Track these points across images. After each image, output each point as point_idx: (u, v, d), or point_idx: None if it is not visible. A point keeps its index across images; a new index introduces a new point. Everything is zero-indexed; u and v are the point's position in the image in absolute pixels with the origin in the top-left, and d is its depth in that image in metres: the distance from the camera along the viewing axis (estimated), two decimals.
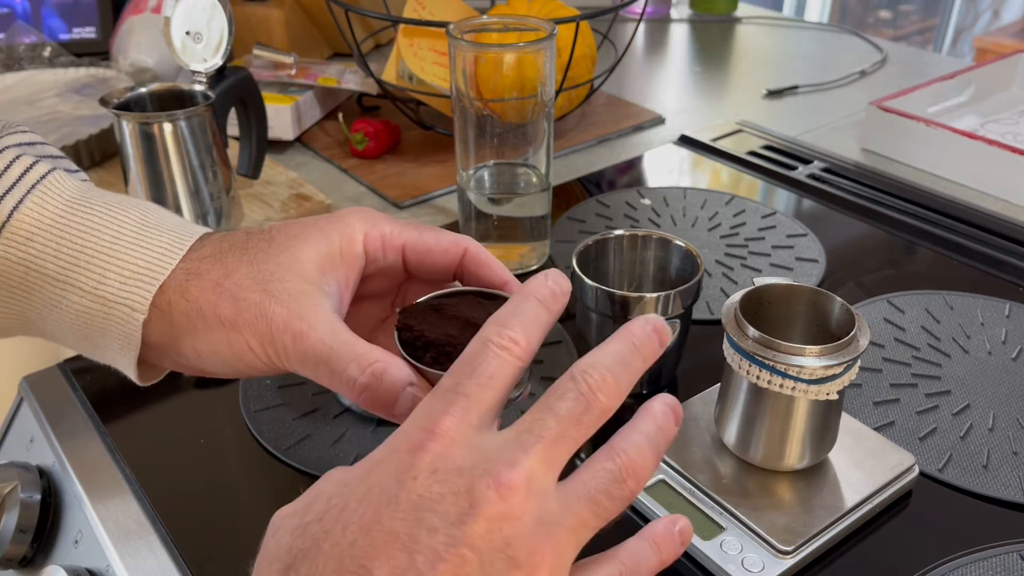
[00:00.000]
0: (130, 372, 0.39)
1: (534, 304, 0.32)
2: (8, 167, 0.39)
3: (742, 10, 1.42)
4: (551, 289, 0.32)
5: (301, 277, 0.37)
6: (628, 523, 0.49)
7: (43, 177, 0.39)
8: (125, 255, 0.38)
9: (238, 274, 0.37)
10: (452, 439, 0.29)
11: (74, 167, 0.43)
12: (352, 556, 0.27)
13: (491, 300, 0.37)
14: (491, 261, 0.39)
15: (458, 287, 0.39)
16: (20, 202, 0.38)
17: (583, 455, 0.29)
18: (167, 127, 0.70)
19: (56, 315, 0.39)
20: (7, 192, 0.38)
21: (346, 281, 0.38)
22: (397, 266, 0.40)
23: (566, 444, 0.29)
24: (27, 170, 0.39)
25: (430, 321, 0.36)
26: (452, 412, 0.29)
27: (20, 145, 0.41)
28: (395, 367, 0.35)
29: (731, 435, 0.49)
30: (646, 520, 0.49)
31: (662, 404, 0.32)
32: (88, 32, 1.14)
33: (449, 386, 0.30)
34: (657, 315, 0.33)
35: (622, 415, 0.30)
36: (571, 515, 0.29)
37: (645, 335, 0.32)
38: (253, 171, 0.81)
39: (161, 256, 0.38)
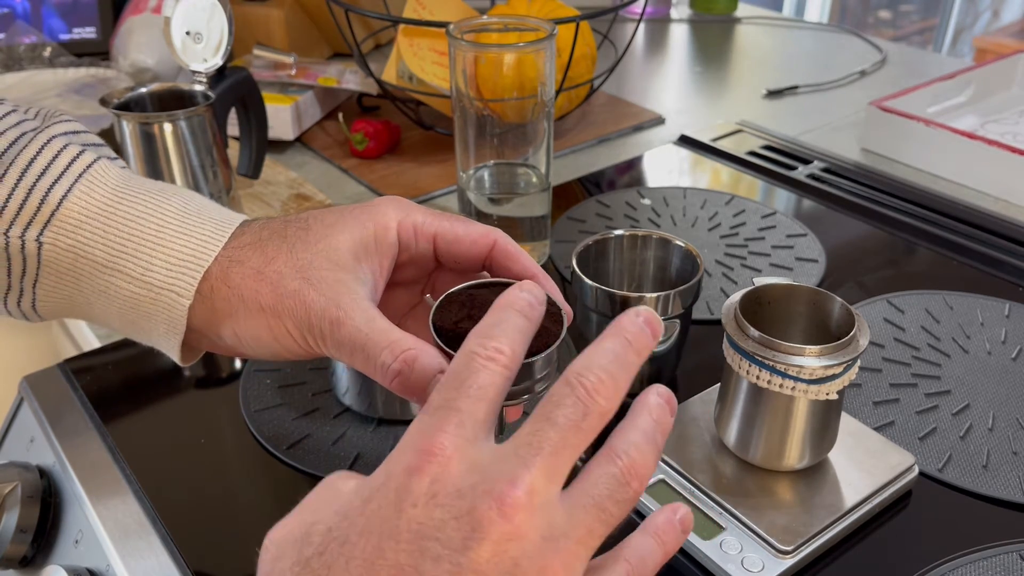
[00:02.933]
0: (173, 354, 0.41)
1: (513, 314, 0.32)
2: (56, 156, 0.40)
3: (742, 10, 1.42)
4: (527, 300, 0.32)
5: (337, 265, 0.38)
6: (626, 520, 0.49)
7: (89, 166, 0.40)
8: (171, 243, 0.39)
9: (277, 262, 0.38)
10: (448, 457, 0.28)
11: (113, 154, 0.44)
12: None
13: None
14: (519, 253, 0.40)
15: (487, 277, 0.40)
16: (69, 191, 0.39)
17: (583, 456, 0.29)
18: (167, 127, 0.70)
19: (103, 300, 0.40)
20: (56, 181, 0.39)
21: (380, 268, 0.40)
22: (428, 255, 0.41)
23: (568, 453, 0.28)
24: (74, 159, 0.40)
25: (464, 312, 0.37)
26: (446, 428, 0.28)
27: (66, 134, 0.42)
28: (426, 355, 0.35)
29: (731, 435, 0.49)
30: (644, 519, 0.49)
31: (656, 397, 0.32)
32: (88, 32, 1.14)
33: (440, 403, 0.29)
34: (646, 307, 0.32)
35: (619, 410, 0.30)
36: (578, 526, 0.28)
37: (637, 328, 0.31)
38: (253, 171, 0.82)
39: (205, 244, 0.39)
